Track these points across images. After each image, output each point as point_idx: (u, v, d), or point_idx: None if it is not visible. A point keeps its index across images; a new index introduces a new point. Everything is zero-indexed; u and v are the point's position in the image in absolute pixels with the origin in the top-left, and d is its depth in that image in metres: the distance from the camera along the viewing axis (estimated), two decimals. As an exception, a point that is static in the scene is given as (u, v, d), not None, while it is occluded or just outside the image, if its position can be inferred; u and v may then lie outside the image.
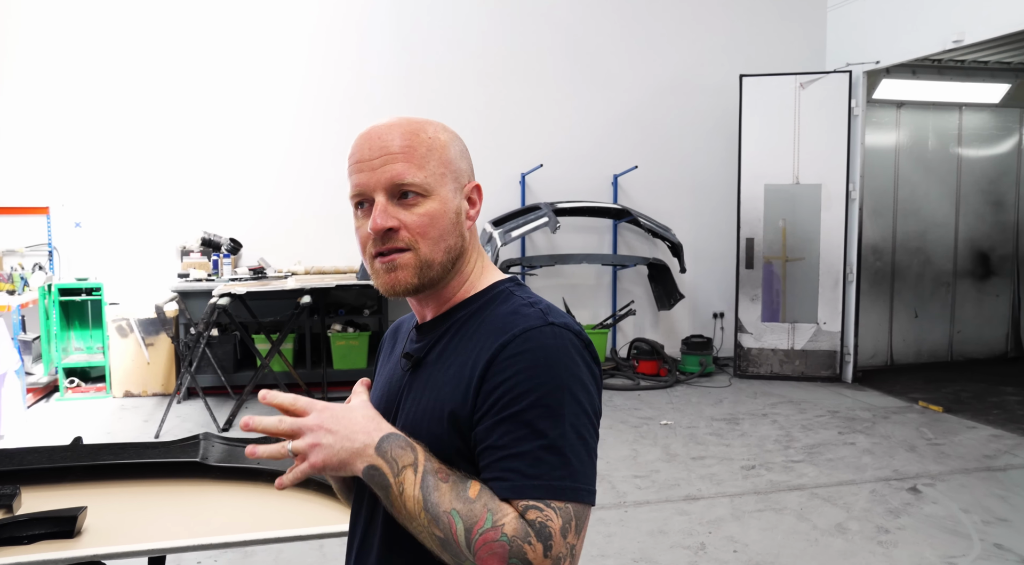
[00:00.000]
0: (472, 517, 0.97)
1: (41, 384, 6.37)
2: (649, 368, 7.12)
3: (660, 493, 4.36)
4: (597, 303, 7.77)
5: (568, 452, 1.01)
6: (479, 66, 7.37)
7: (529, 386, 1.02)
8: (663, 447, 5.18)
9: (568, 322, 1.11)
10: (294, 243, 7.17)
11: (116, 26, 6.71)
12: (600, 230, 7.74)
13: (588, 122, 7.58)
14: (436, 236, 1.13)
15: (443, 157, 1.16)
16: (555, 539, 0.97)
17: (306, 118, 7.13)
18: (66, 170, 6.68)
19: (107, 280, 6.54)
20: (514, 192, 7.50)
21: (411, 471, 1.00)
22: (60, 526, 1.48)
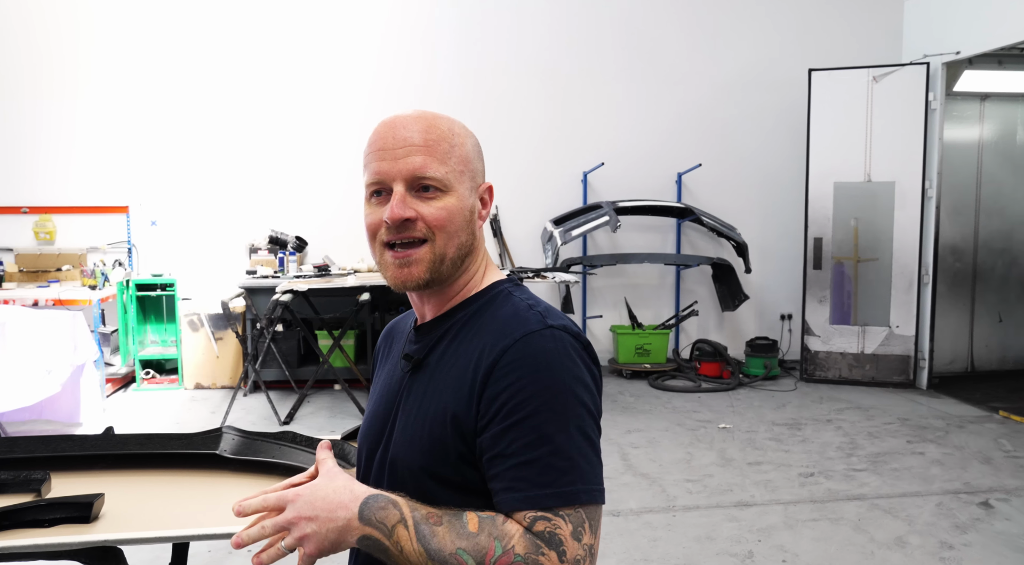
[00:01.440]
0: (480, 551, 0.97)
1: (120, 375, 6.69)
2: (711, 370, 6.97)
3: (711, 498, 4.26)
4: (660, 303, 7.66)
5: (576, 455, 1.02)
6: (541, 65, 7.36)
7: (533, 391, 1.03)
8: (719, 451, 5.06)
9: (567, 324, 1.12)
10: (359, 241, 7.27)
11: (190, 33, 6.98)
12: (663, 229, 7.62)
13: (651, 119, 7.47)
14: (452, 231, 1.14)
15: (462, 155, 1.17)
16: (567, 544, 0.98)
17: (374, 118, 7.15)
18: (144, 171, 6.99)
19: (180, 276, 6.81)
20: (575, 191, 7.46)
21: (402, 527, 1.00)
22: (77, 511, 1.55)
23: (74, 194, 6.91)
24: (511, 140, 7.36)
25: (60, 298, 6.05)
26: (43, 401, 5.22)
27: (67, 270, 6.75)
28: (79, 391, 5.47)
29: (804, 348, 7.06)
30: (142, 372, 6.72)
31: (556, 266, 6.77)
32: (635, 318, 7.22)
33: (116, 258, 6.92)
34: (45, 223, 6.88)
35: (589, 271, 7.34)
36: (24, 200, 6.86)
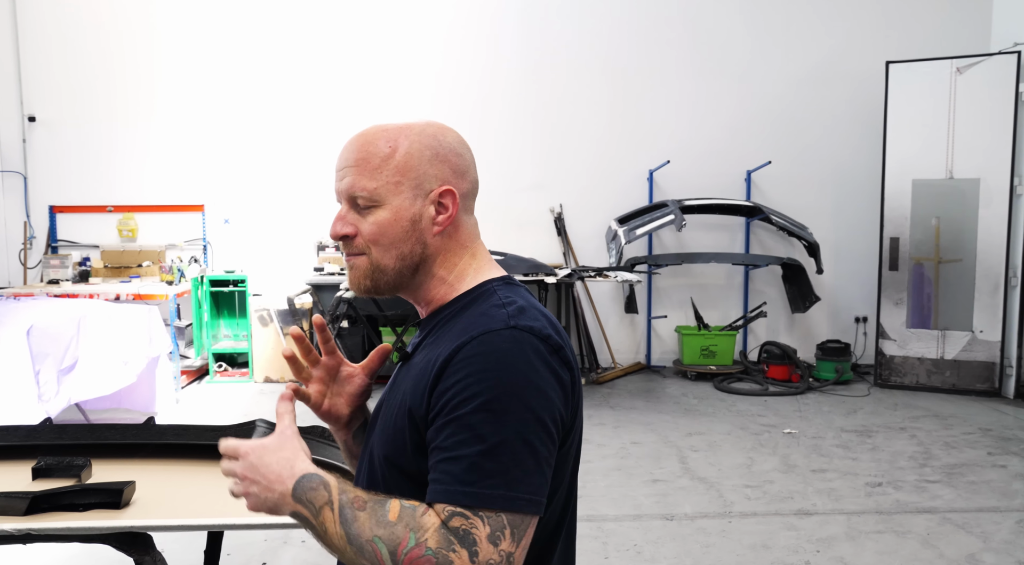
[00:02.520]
0: (395, 540, 0.98)
1: (194, 367, 6.95)
2: (780, 373, 6.76)
3: (770, 505, 4.13)
4: (728, 304, 7.48)
5: (508, 460, 1.00)
6: (606, 62, 7.29)
7: (477, 390, 1.02)
8: (782, 457, 4.90)
9: (534, 326, 1.09)
10: (424, 240, 7.37)
11: (258, 38, 7.20)
12: (732, 228, 7.44)
13: (719, 116, 7.30)
14: (387, 243, 1.17)
15: (402, 165, 1.17)
16: (480, 545, 0.96)
17: (440, 118, 7.25)
18: (218, 171, 7.25)
19: (251, 272, 7.03)
20: (641, 189, 7.36)
21: (328, 509, 1.03)
22: (109, 497, 1.61)
23: (154, 193, 7.23)
24: (575, 138, 7.32)
25: (139, 293, 6.33)
26: (122, 391, 5.47)
27: (147, 266, 7.05)
28: (155, 382, 5.72)
29: (879, 352, 6.77)
30: (215, 365, 6.97)
31: (620, 265, 6.70)
32: (701, 319, 7.07)
33: (192, 255, 7.20)
34: (128, 221, 7.21)
35: (654, 271, 7.23)
36: (109, 199, 7.20)
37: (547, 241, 7.41)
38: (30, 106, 7.16)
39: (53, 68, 7.16)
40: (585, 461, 4.71)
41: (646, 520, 3.94)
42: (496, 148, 7.32)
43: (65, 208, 7.23)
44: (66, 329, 4.80)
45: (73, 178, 7.19)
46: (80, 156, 7.19)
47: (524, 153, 7.35)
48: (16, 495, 1.59)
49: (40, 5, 7.13)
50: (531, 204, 7.37)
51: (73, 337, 4.83)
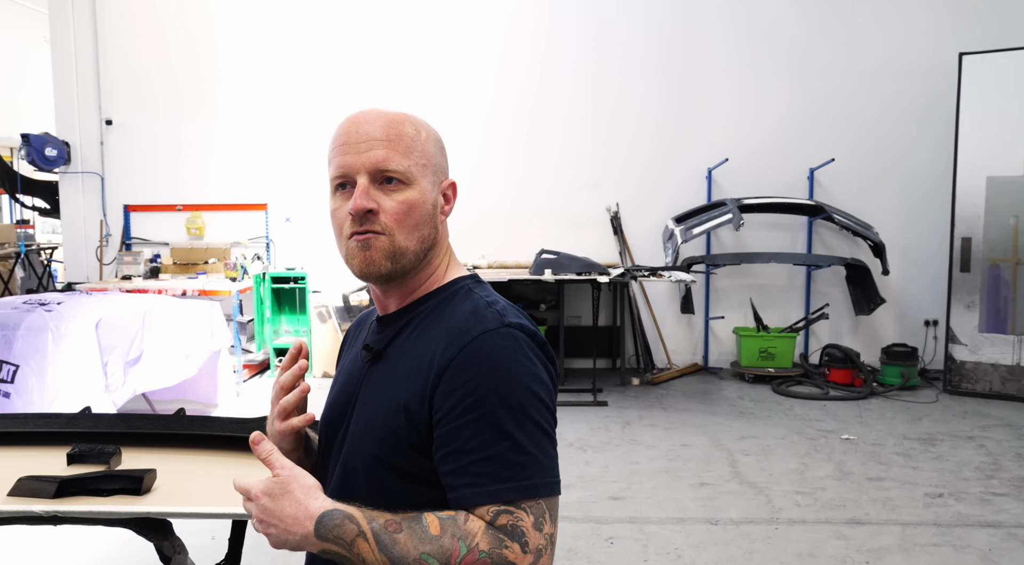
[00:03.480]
0: (444, 552, 0.99)
1: (256, 361, 7.17)
2: (841, 377, 6.55)
3: (820, 513, 4.01)
4: (788, 305, 7.28)
5: (534, 450, 1.04)
6: (663, 58, 7.19)
7: (490, 388, 1.04)
8: (837, 464, 4.75)
9: (523, 323, 1.13)
10: (482, 238, 7.42)
11: (317, 39, 7.37)
12: (793, 228, 7.24)
13: (780, 112, 7.12)
14: (412, 224, 1.15)
15: (424, 150, 1.19)
16: (530, 535, 1.00)
17: (499, 117, 7.38)
18: (280, 171, 7.45)
19: (311, 270, 7.20)
20: (699, 187, 7.23)
21: (362, 541, 1.01)
22: (130, 484, 1.68)
23: (220, 193, 7.49)
24: (632, 136, 7.24)
25: (204, 289, 6.56)
26: (186, 382, 5.69)
27: (213, 263, 7.30)
28: (216, 375, 5.92)
29: (948, 357, 6.49)
30: (276, 360, 7.16)
31: (675, 265, 6.60)
32: (760, 320, 6.91)
33: (255, 252, 7.42)
34: (195, 220, 7.48)
35: (711, 271, 7.10)
36: (178, 199, 7.49)
37: (603, 240, 7.35)
38: (107, 110, 7.51)
39: (128, 74, 7.49)
40: (632, 462, 4.69)
41: (689, 524, 3.88)
42: (552, 147, 7.33)
43: (138, 207, 7.55)
44: (132, 323, 5.01)
45: (145, 178, 7.51)
46: (152, 157, 7.50)
47: (581, 151, 7.31)
48: (46, 479, 1.67)
49: (117, 15, 7.46)
50: (587, 203, 7.33)
51: (138, 331, 5.04)
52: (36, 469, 1.81)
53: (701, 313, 7.28)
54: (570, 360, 7.13)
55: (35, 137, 7.25)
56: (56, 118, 7.54)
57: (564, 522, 3.89)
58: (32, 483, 1.68)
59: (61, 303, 4.99)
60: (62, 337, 4.71)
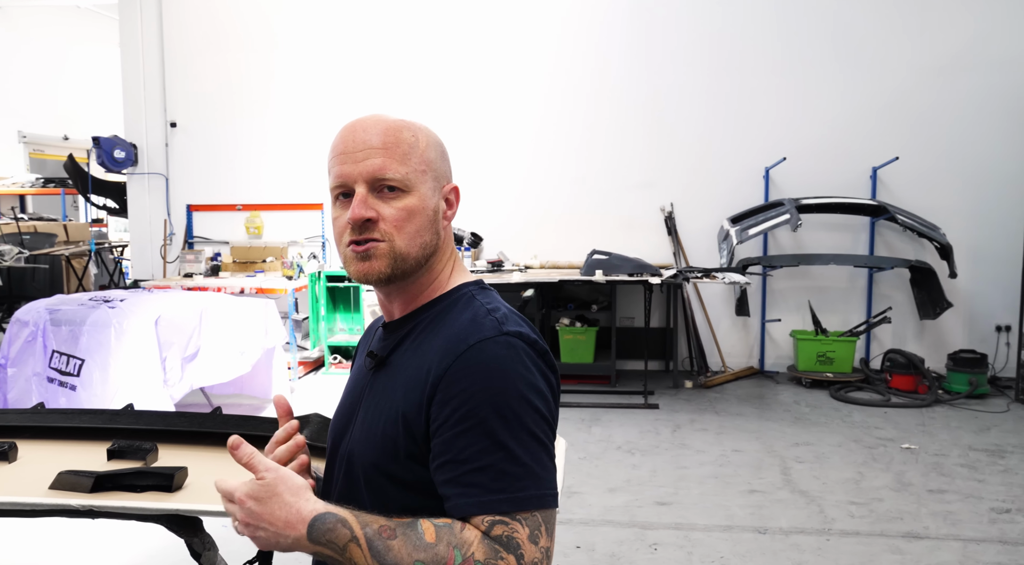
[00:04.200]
0: (439, 560, 0.98)
1: (311, 358, 7.30)
2: (904, 384, 6.31)
3: (875, 525, 3.87)
4: (848, 308, 7.06)
5: (530, 461, 1.03)
6: (718, 54, 7.05)
7: (485, 397, 1.03)
8: (896, 474, 4.58)
9: (523, 331, 1.11)
10: (535, 238, 7.41)
11: (369, 38, 7.46)
12: (855, 228, 7.02)
13: (841, 109, 6.90)
14: (413, 231, 1.15)
15: (424, 156, 1.18)
16: (525, 547, 0.99)
17: (552, 117, 7.35)
18: (337, 171, 7.56)
19: (365, 269, 7.26)
20: (756, 187, 7.07)
21: (354, 546, 1.00)
22: (162, 481, 1.71)
23: (278, 192, 7.65)
24: (686, 135, 7.13)
25: (262, 287, 6.71)
26: (242, 378, 5.82)
27: (270, 261, 7.47)
28: (271, 371, 6.05)
29: (1021, 365, 6.19)
30: (330, 357, 7.28)
31: (730, 266, 6.47)
32: (819, 323, 6.71)
33: (312, 251, 7.56)
34: (254, 219, 7.66)
35: (767, 272, 6.93)
36: (238, 199, 7.69)
37: (657, 241, 7.26)
38: (172, 113, 7.75)
39: (191, 78, 7.72)
40: (680, 467, 4.62)
41: (737, 532, 3.79)
42: (605, 147, 7.26)
43: (200, 207, 7.77)
44: (189, 320, 5.16)
45: (207, 178, 7.73)
46: (213, 158, 7.72)
47: (634, 151, 7.23)
48: (84, 474, 1.72)
49: (180, 22, 7.70)
50: (641, 203, 7.24)
51: (195, 328, 5.18)
52: (78, 463, 1.87)
53: (757, 315, 7.11)
54: (622, 361, 7.05)
55: (105, 140, 7.53)
56: (124, 121, 7.82)
57: (607, 526, 3.85)
58: (71, 477, 1.73)
59: (124, 300, 5.17)
60: (124, 333, 4.88)
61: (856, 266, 6.86)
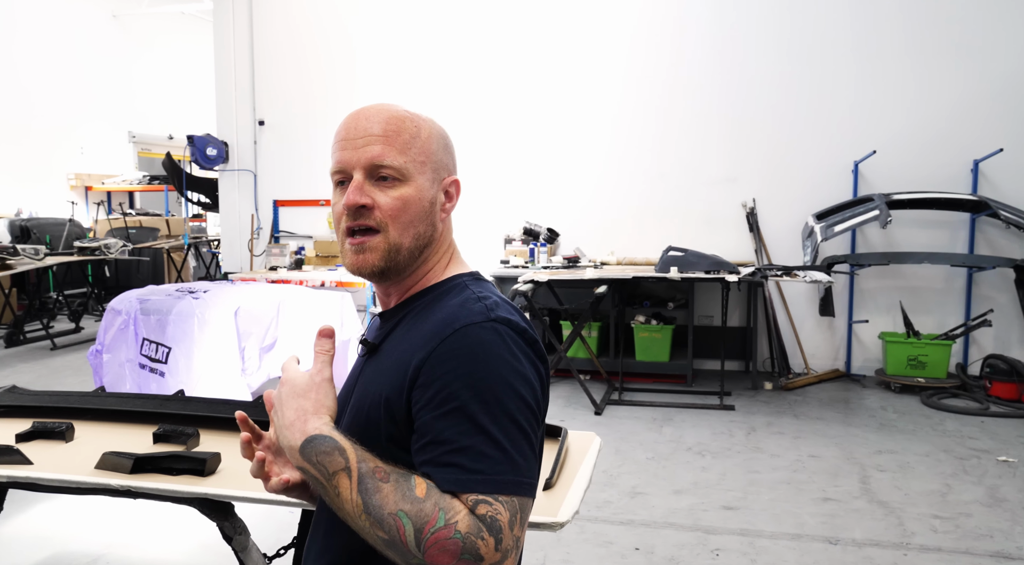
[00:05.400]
0: (423, 517, 0.96)
1: (389, 351, 7.43)
2: (1005, 392, 5.90)
3: (960, 542, 3.62)
4: (944, 310, 6.66)
5: (509, 447, 1.01)
6: (802, 43, 6.77)
7: (468, 381, 1.02)
8: (988, 488, 4.28)
9: (512, 319, 1.10)
10: (611, 234, 7.33)
11: (447, 34, 7.53)
12: (953, 225, 6.61)
13: (937, 99, 6.51)
14: (407, 221, 1.15)
15: (425, 148, 1.18)
16: (504, 532, 0.97)
17: (627, 112, 7.25)
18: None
19: (442, 264, 7.35)
20: (843, 182, 6.76)
21: (343, 475, 1.00)
22: (196, 465, 1.76)
23: (359, 189, 7.81)
24: (768, 128, 6.88)
25: (341, 280, 6.87)
26: (319, 369, 5.99)
27: (351, 256, 7.64)
28: (346, 363, 6.19)
29: None
30: (407, 350, 7.39)
31: (814, 264, 6.21)
32: (911, 325, 6.36)
33: (390, 246, 7.69)
34: (337, 214, 7.86)
35: (855, 271, 6.62)
36: (321, 194, 7.91)
37: (738, 237, 7.04)
38: (260, 112, 8.04)
39: (277, 78, 8.00)
40: (752, 471, 4.47)
41: (806, 541, 3.63)
42: (684, 141, 7.10)
43: (286, 202, 8.04)
44: (267, 311, 5.34)
45: (292, 175, 7.99)
46: (297, 154, 7.96)
47: (714, 146, 7.03)
48: (125, 455, 1.79)
49: (270, 25, 7.98)
50: (722, 198, 7.04)
51: (273, 319, 5.36)
52: (127, 445, 1.95)
53: (844, 316, 6.80)
54: (700, 361, 6.88)
55: (199, 138, 7.89)
56: (217, 120, 8.16)
57: (669, 529, 3.75)
58: (114, 458, 1.81)
59: (207, 292, 5.40)
60: (206, 323, 5.09)
61: (953, 265, 6.46)
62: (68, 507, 3.95)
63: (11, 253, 8.04)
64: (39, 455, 1.94)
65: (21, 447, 1.97)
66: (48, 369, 7.26)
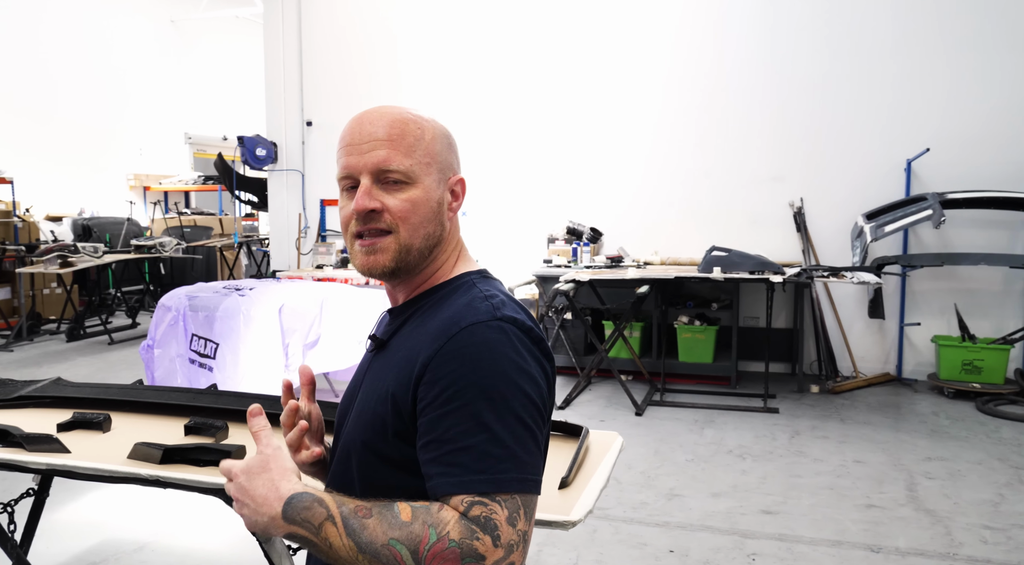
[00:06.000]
0: (414, 538, 0.97)
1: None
2: (1066, 399, 5.67)
3: (1012, 554, 3.49)
4: (1003, 313, 6.42)
5: (513, 444, 1.02)
6: (849, 35, 6.59)
7: (473, 379, 1.03)
8: (1043, 498, 4.12)
9: (518, 317, 1.11)
10: (655, 233, 7.26)
11: (493, 35, 7.54)
12: (1012, 226, 6.37)
13: (997, 95, 6.28)
14: (417, 222, 1.17)
15: (429, 149, 1.19)
16: (502, 529, 0.98)
17: (670, 111, 7.17)
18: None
19: (486, 262, 7.37)
20: (895, 181, 6.57)
21: (330, 524, 1.01)
22: (220, 456, 1.81)
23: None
24: (817, 126, 6.73)
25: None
26: (363, 366, 6.08)
27: (396, 255, 7.72)
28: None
29: None
30: (450, 348, 7.44)
31: (863, 265, 6.05)
32: (966, 329, 6.15)
33: (435, 245, 7.75)
34: (382, 213, 7.96)
35: (906, 272, 6.43)
36: (367, 194, 8.00)
37: (785, 237, 6.90)
38: (308, 113, 8.18)
39: (324, 80, 8.14)
40: (793, 475, 4.38)
41: (846, 548, 3.54)
42: (729, 139, 6.99)
43: (333, 201, 8.16)
44: (311, 309, 5.43)
45: (339, 175, 8.10)
46: (345, 155, 8.07)
47: (760, 144, 6.90)
48: (155, 446, 1.85)
49: (319, 27, 8.12)
50: (768, 198, 6.91)
51: (316, 316, 5.44)
52: (159, 436, 2.01)
53: (894, 318, 6.61)
54: (744, 363, 6.77)
55: (248, 139, 8.06)
56: (266, 121, 8.34)
57: (705, 532, 3.71)
58: (145, 449, 1.86)
59: (253, 289, 5.52)
60: (251, 320, 5.21)
61: (1013, 267, 6.21)
62: (116, 497, 4.09)
63: (72, 251, 8.34)
64: (77, 444, 2.01)
65: (61, 436, 2.05)
66: (105, 363, 7.51)
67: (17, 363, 7.50)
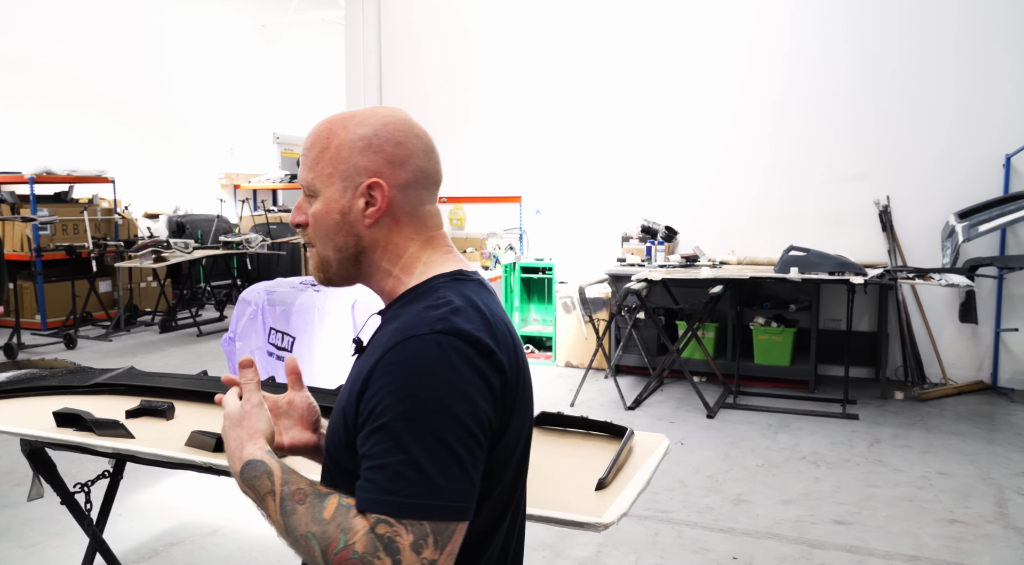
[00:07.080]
0: (327, 538, 0.99)
1: (504, 347, 7.52)
2: None
3: (1107, 576, 3.25)
4: (1111, 319, 5.99)
5: (431, 469, 0.97)
6: (940, 23, 6.25)
7: (398, 398, 1.00)
8: None
9: (463, 329, 1.03)
10: (730, 232, 7.10)
11: (567, 36, 7.50)
12: (1123, 225, 5.93)
13: (1108, 84, 5.85)
14: (322, 235, 1.19)
15: (334, 157, 1.17)
16: (403, 554, 0.95)
17: (746, 107, 6.99)
18: (533, 165, 7.74)
19: (559, 261, 7.37)
20: (993, 178, 6.20)
21: (271, 498, 1.06)
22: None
23: (479, 186, 7.97)
24: (907, 121, 6.42)
25: (457, 276, 7.02)
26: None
27: (471, 252, 7.80)
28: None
29: None
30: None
31: (954, 266, 5.74)
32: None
33: (509, 242, 7.79)
34: (457, 211, 8.05)
35: (1003, 274, 6.07)
36: (442, 191, 8.07)
37: (870, 237, 6.62)
38: (387, 112, 8.34)
39: (403, 81, 8.26)
40: (870, 485, 4.21)
41: (923, 564, 3.37)
42: (812, 135, 6.75)
43: (408, 200, 8.29)
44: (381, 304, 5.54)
45: (415, 173, 8.23)
46: (421, 154, 8.19)
47: (845, 140, 6.63)
48: (209, 434, 1.92)
49: (397, 28, 8.27)
50: (852, 196, 6.64)
51: (388, 312, 5.55)
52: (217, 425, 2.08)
53: (989, 323, 6.25)
54: (824, 366, 6.53)
55: (329, 138, 8.27)
56: (347, 121, 8.53)
57: (772, 540, 3.59)
58: (200, 436, 1.94)
59: (328, 284, 5.66)
60: (325, 315, 5.35)
61: (1122, 270, 5.80)
62: (191, 483, 4.27)
63: (165, 247, 8.77)
64: (142, 430, 2.11)
65: (128, 422, 2.15)
66: (193, 354, 7.86)
67: (115, 352, 7.93)
